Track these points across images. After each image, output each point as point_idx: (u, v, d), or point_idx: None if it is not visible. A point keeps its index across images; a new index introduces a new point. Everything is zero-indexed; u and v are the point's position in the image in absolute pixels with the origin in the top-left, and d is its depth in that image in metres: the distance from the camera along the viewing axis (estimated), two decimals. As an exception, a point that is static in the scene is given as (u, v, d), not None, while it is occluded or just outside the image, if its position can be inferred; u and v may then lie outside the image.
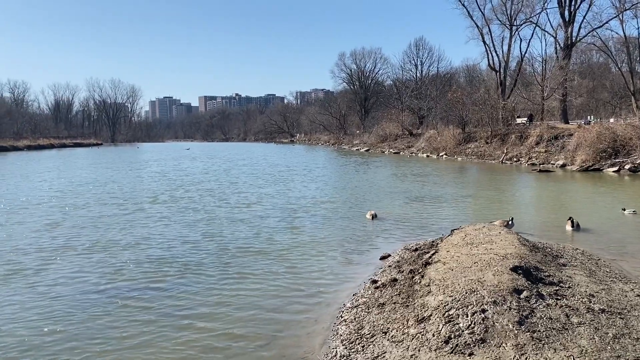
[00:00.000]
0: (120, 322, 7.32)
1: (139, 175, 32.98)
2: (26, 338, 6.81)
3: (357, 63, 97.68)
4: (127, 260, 10.63)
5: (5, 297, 8.39)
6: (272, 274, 9.72)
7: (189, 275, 9.60)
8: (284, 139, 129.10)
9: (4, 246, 11.96)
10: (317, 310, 7.87)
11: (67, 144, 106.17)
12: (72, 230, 13.82)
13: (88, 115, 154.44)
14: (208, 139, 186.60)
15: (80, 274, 9.72)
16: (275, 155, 59.23)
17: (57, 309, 7.86)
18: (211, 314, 7.65)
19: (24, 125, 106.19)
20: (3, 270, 9.94)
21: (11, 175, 33.45)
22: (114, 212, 17.01)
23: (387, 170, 35.12)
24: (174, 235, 13.11)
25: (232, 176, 31.08)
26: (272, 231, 13.64)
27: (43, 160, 52.95)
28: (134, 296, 8.44)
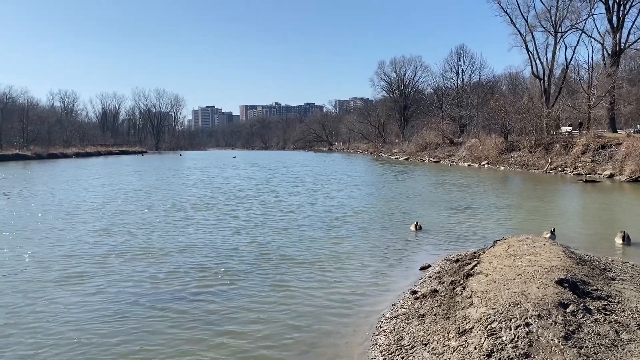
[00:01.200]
0: (159, 327, 7.48)
1: (183, 182, 33.70)
2: (63, 340, 7.04)
3: (397, 71, 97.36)
4: (169, 267, 10.87)
5: (55, 300, 8.70)
6: (312, 282, 9.76)
7: (228, 282, 9.73)
8: (322, 148, 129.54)
9: (55, 251, 12.43)
10: (356, 320, 7.85)
11: (113, 152, 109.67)
12: (118, 237, 14.24)
13: (133, 124, 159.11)
14: (248, 147, 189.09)
15: (124, 278, 9.99)
16: (314, 164, 59.49)
17: (100, 313, 8.10)
18: (250, 321, 7.73)
19: (73, 133, 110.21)
20: (55, 274, 10.32)
21: (62, 182, 34.76)
22: (159, 218, 17.42)
23: (427, 180, 34.74)
24: (216, 242, 13.32)
25: (273, 184, 31.38)
26: (312, 240, 13.69)
27: (90, 168, 54.81)
28: (174, 302, 8.62)
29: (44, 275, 10.12)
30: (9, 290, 9.16)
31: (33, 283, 9.62)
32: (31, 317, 7.86)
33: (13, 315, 7.94)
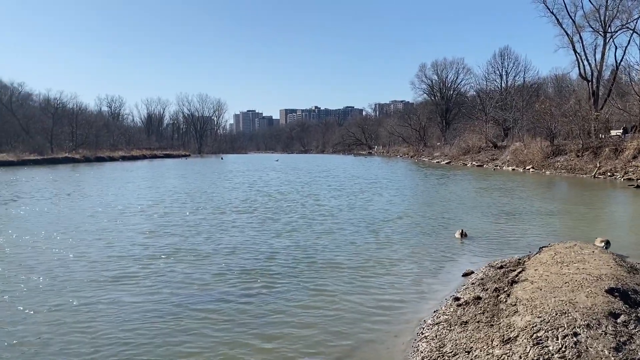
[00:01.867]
0: (200, 329, 7.62)
1: (225, 185, 34.26)
2: (109, 340, 7.27)
3: (439, 74, 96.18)
4: (212, 269, 11.08)
5: (104, 299, 9.00)
6: (353, 287, 9.75)
7: (269, 285, 9.83)
8: (361, 151, 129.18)
9: (105, 252, 12.86)
10: (396, 325, 7.80)
11: (157, 155, 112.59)
12: (163, 239, 14.61)
13: (177, 128, 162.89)
14: (288, 150, 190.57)
15: (169, 280, 10.24)
16: (353, 167, 59.41)
17: (145, 313, 8.32)
18: (291, 326, 7.78)
19: (119, 137, 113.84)
20: (103, 274, 10.68)
21: (110, 184, 35.95)
22: (203, 221, 17.77)
23: (470, 184, 34.15)
24: (257, 246, 13.49)
25: (313, 187, 31.50)
26: (352, 244, 13.68)
27: (136, 171, 56.44)
28: (215, 304, 8.77)
29: (92, 276, 10.48)
30: (61, 290, 9.51)
31: (83, 283, 9.97)
32: (80, 316, 8.15)
33: (63, 314, 8.24)
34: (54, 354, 6.73)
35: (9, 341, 7.03)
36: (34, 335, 7.24)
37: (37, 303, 8.63)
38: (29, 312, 8.21)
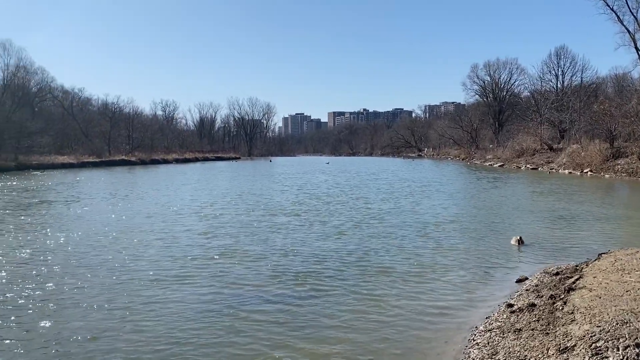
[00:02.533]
0: (247, 330, 7.72)
1: (275, 187, 34.68)
2: (159, 338, 7.48)
3: (491, 74, 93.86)
4: (261, 271, 11.24)
5: (158, 299, 9.28)
6: (402, 291, 9.66)
7: (316, 288, 9.87)
8: (411, 154, 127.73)
9: (160, 252, 13.26)
10: (447, 331, 7.67)
11: (209, 158, 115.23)
12: (215, 240, 14.93)
13: (228, 131, 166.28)
14: (335, 153, 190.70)
15: (218, 281, 10.44)
16: (403, 170, 58.84)
17: (194, 313, 8.52)
18: (338, 329, 7.77)
19: (173, 140, 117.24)
20: (159, 275, 11.02)
21: (165, 186, 37.09)
22: (253, 222, 18.05)
23: (524, 188, 33.16)
24: (306, 248, 13.58)
25: (363, 190, 31.40)
26: (401, 248, 13.55)
27: (190, 173, 57.93)
28: (264, 305, 8.89)
29: (149, 276, 10.82)
30: (120, 289, 9.88)
31: (141, 283, 10.31)
32: (138, 315, 8.43)
33: (122, 312, 8.55)
34: (112, 351, 6.98)
35: (71, 338, 7.35)
36: (95, 333, 7.53)
37: (97, 301, 8.98)
38: (89, 310, 8.55)
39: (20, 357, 6.74)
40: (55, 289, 9.66)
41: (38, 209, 22.26)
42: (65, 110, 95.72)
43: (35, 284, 10.03)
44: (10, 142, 67.29)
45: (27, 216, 19.93)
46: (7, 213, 20.86)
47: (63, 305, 8.77)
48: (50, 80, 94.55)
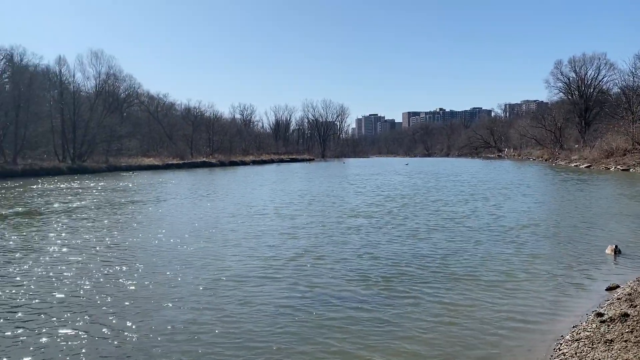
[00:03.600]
0: (326, 332, 7.79)
1: (351, 189, 34.75)
2: (237, 339, 7.69)
3: (577, 70, 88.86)
4: (338, 272, 11.30)
5: (237, 299, 9.58)
6: (481, 297, 9.38)
7: (391, 292, 9.78)
8: (490, 154, 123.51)
9: (242, 252, 13.69)
10: (530, 340, 7.37)
11: (284, 159, 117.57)
12: (293, 240, 15.19)
13: (302, 133, 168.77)
14: (410, 154, 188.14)
15: (293, 281, 10.61)
16: (482, 171, 57.00)
17: (269, 312, 8.70)
18: (416, 335, 7.64)
19: (250, 142, 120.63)
20: (240, 274, 11.37)
21: (245, 186, 38.27)
22: (328, 224, 18.18)
23: (614, 190, 31.10)
24: (380, 251, 13.51)
25: (442, 192, 30.69)
26: (482, 252, 13.15)
27: (267, 174, 59.38)
28: (342, 307, 8.92)
29: (231, 275, 11.18)
30: (204, 287, 10.28)
31: (223, 282, 10.67)
32: (219, 314, 8.74)
33: (191, 311, 8.90)
34: (193, 347, 7.29)
35: (155, 335, 7.72)
36: (180, 331, 7.83)
37: (180, 299, 9.38)
38: (173, 307, 8.95)
39: (109, 350, 7.19)
40: (142, 286, 10.23)
41: (129, 208, 23.69)
42: (151, 115, 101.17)
43: (124, 280, 10.67)
44: (102, 145, 72.08)
45: (120, 215, 21.27)
46: (102, 211, 22.35)
47: (148, 301, 9.26)
48: (137, 86, 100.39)
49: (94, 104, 77.22)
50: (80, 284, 10.27)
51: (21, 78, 65.38)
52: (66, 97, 71.80)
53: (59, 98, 71.32)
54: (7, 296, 9.43)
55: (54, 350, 7.01)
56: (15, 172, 54.37)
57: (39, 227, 17.76)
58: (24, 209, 23.30)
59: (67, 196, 30.04)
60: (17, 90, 63.15)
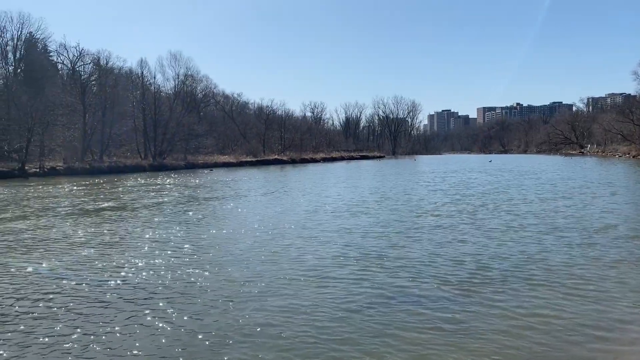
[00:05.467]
0: (391, 332, 7.66)
1: (425, 187, 34.16)
2: (304, 336, 7.75)
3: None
4: (408, 272, 11.14)
5: (297, 297, 9.68)
6: (563, 300, 8.90)
7: (465, 295, 9.48)
8: (571, 151, 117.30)
9: (313, 250, 13.82)
10: (617, 346, 6.94)
11: (354, 157, 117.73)
12: (364, 239, 15.12)
13: (372, 130, 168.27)
14: (485, 151, 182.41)
15: (362, 281, 10.53)
16: (564, 169, 54.16)
17: (338, 310, 8.71)
18: (492, 340, 7.34)
19: (320, 140, 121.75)
20: (303, 272, 11.48)
21: (316, 184, 38.65)
22: (403, 221, 17.97)
23: None
24: (456, 250, 13.16)
25: (522, 190, 29.42)
26: (564, 254, 12.47)
27: (337, 171, 59.69)
28: (403, 305, 8.78)
29: (298, 272, 11.28)
30: (263, 285, 10.43)
31: (286, 279, 10.79)
32: (283, 311, 8.84)
33: (264, 308, 9.05)
34: (264, 345, 7.42)
35: (208, 332, 7.85)
36: (232, 329, 7.87)
37: (238, 295, 9.48)
38: (228, 303, 9.03)
39: (174, 344, 7.49)
40: (215, 280, 10.54)
41: (210, 204, 24.62)
42: (226, 114, 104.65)
43: (200, 274, 11.05)
44: (181, 143, 75.37)
45: (201, 210, 22.14)
46: (184, 207, 23.37)
47: (221, 296, 9.52)
48: (213, 86, 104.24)
49: (173, 104, 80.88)
50: (163, 275, 10.76)
51: (107, 80, 69.66)
52: (147, 97, 75.75)
53: (141, 98, 75.35)
54: (95, 284, 10.07)
55: (135, 338, 7.39)
56: (102, 169, 58.01)
57: (127, 221, 18.82)
58: (113, 204, 24.80)
59: (151, 192, 31.66)
60: (103, 91, 67.33)
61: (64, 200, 27.38)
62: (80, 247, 13.95)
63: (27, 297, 9.33)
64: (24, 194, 30.87)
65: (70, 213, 21.56)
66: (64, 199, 28.07)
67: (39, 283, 10.26)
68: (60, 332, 7.57)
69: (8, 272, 11.21)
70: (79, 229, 17.18)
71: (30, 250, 13.62)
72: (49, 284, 10.21)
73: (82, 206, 24.24)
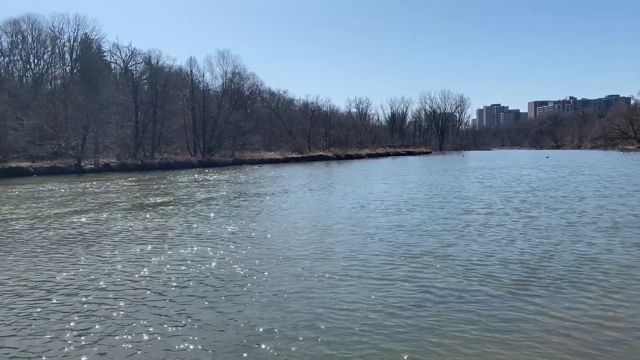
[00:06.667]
0: (448, 331, 7.49)
1: (475, 183, 33.44)
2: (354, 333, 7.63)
3: None
4: (451, 268, 10.86)
5: (342, 294, 9.57)
6: (613, 303, 8.45)
7: (512, 291, 9.18)
8: (628, 146, 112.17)
9: (357, 248, 13.71)
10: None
11: (400, 152, 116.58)
12: (412, 237, 14.89)
13: (419, 126, 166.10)
14: (537, 146, 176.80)
15: (415, 280, 10.35)
16: (621, 165, 51.80)
17: (396, 308, 8.56)
18: (552, 343, 7.08)
19: (365, 136, 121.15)
20: (350, 270, 11.38)
21: (361, 180, 38.47)
22: (454, 220, 17.60)
23: None
24: (511, 249, 12.77)
25: (581, 186, 28.31)
26: (619, 256, 11.88)
27: (382, 167, 59.22)
28: (459, 303, 8.55)
29: (345, 270, 11.20)
30: (314, 280, 10.39)
31: (336, 275, 10.73)
32: (325, 309, 8.78)
33: (312, 304, 9.01)
34: (293, 342, 7.38)
35: (254, 325, 7.88)
36: (278, 323, 7.88)
37: (286, 290, 9.47)
38: (276, 297, 9.05)
39: (220, 337, 7.53)
40: (260, 274, 10.59)
41: (259, 199, 24.88)
42: (272, 111, 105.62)
43: (243, 268, 11.14)
44: (228, 140, 76.68)
45: (251, 205, 22.41)
46: (234, 202, 23.72)
47: (263, 289, 9.54)
48: (260, 83, 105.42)
49: (221, 102, 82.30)
50: (214, 268, 10.90)
51: (157, 79, 71.61)
52: (196, 95, 77.43)
53: (190, 96, 77.09)
54: (150, 276, 10.30)
55: (185, 331, 7.50)
56: (153, 165, 59.76)
57: (182, 215, 19.22)
58: (168, 199, 25.45)
59: (202, 188, 32.32)
60: (154, 90, 69.26)
61: (120, 195, 28.29)
62: (137, 240, 14.35)
63: (90, 287, 9.65)
64: (82, 190, 32.13)
65: (127, 208, 22.26)
66: (120, 194, 29.00)
67: (99, 274, 10.60)
68: (115, 322, 7.80)
69: (75, 263, 11.63)
70: (137, 222, 17.69)
71: (91, 243, 14.10)
72: (107, 276, 10.52)
73: (139, 201, 24.99)
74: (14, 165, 49.91)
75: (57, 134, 58.14)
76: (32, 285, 9.93)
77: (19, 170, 48.72)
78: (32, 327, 7.68)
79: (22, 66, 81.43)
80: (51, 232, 16.08)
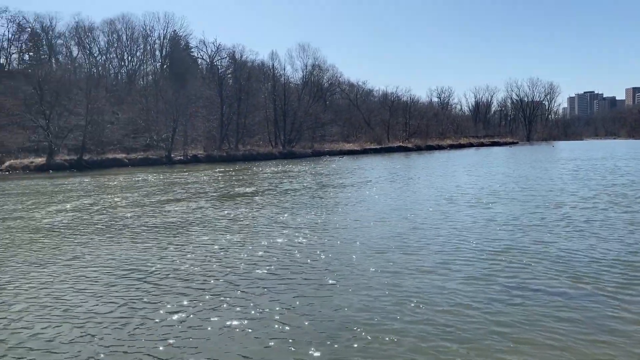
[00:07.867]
0: (527, 324, 7.21)
1: (569, 175, 31.67)
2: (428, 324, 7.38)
3: None
4: (540, 264, 10.34)
5: (421, 290, 9.30)
6: None
7: (600, 289, 8.65)
8: None
9: (442, 241, 13.38)
10: None
11: (484, 143, 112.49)
12: (500, 232, 14.33)
13: (505, 115, 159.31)
14: (636, 135, 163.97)
15: (490, 271, 9.98)
16: None
17: (465, 301, 8.28)
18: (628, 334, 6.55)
19: (447, 126, 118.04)
20: (430, 264, 11.09)
21: (444, 171, 37.57)
22: (540, 212, 16.77)
23: None
24: (595, 246, 11.96)
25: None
26: None
27: (466, 158, 57.36)
28: (546, 301, 8.15)
29: (419, 263, 11.01)
30: (386, 273, 10.25)
31: (412, 269, 10.54)
32: (400, 305, 8.59)
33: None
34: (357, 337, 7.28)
35: (348, 317, 7.89)
36: (368, 313, 7.92)
37: (367, 283, 9.43)
38: (363, 289, 9.04)
39: (285, 328, 7.57)
40: (339, 267, 10.61)
41: (340, 190, 25.05)
42: (351, 102, 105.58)
43: (324, 259, 11.21)
44: (308, 132, 77.65)
45: (331, 197, 22.59)
46: (317, 192, 24.01)
47: (342, 281, 9.56)
48: (339, 75, 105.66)
49: (301, 94, 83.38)
50: (295, 258, 11.10)
51: (241, 73, 73.83)
52: (278, 88, 78.95)
53: (272, 89, 78.75)
54: (235, 264, 10.65)
55: (274, 317, 7.68)
56: (237, 156, 61.83)
57: (268, 206, 19.73)
58: (254, 189, 26.29)
59: (284, 179, 33.00)
60: (238, 84, 71.50)
61: (209, 185, 29.52)
62: (226, 229, 14.90)
63: (182, 271, 10.16)
64: (173, 180, 33.86)
65: (216, 197, 23.28)
66: (208, 184, 30.26)
67: (187, 259, 11.10)
68: (205, 306, 8.18)
69: (169, 249, 12.27)
70: (226, 211, 18.41)
71: (184, 230, 14.83)
72: (202, 262, 11.00)
73: (226, 191, 25.99)
74: (111, 156, 53.59)
75: (149, 127, 61.69)
76: (129, 268, 10.69)
77: (116, 161, 52.30)
78: (127, 306, 8.29)
79: (117, 63, 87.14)
80: (148, 219, 17.10)
